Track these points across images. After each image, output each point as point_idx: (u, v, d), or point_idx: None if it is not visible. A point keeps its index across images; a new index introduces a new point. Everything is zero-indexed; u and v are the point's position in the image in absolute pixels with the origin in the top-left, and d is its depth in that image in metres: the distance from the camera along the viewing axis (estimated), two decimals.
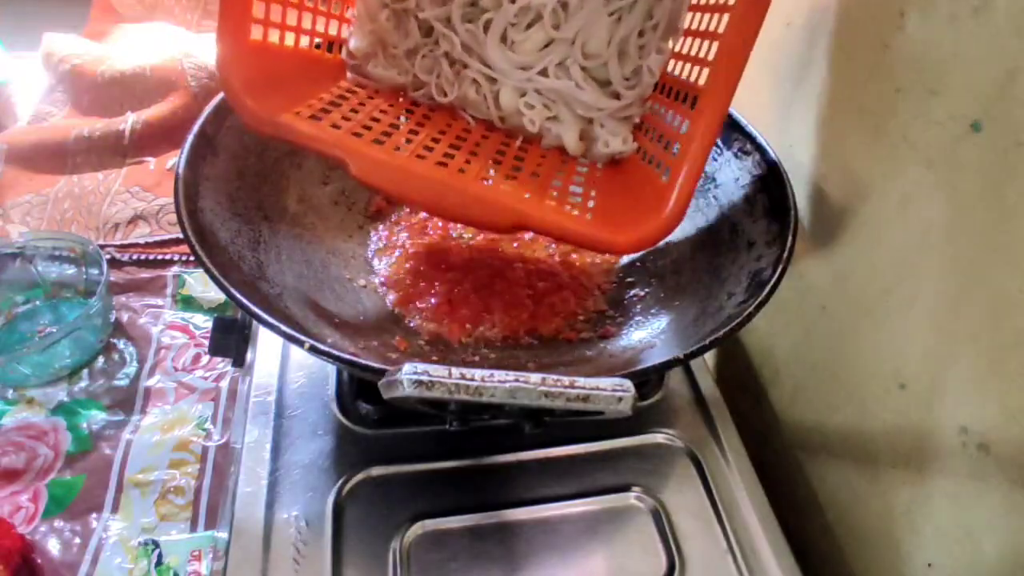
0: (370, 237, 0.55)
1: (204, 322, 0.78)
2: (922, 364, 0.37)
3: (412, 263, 0.52)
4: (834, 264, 0.44)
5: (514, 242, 0.55)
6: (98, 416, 0.68)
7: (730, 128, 0.48)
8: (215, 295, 0.79)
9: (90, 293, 0.74)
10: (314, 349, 0.34)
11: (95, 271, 0.74)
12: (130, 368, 0.72)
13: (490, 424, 0.42)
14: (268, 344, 0.49)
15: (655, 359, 0.37)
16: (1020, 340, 0.31)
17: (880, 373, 0.40)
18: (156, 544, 0.59)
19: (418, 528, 0.40)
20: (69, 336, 0.68)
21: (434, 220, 0.55)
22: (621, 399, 0.28)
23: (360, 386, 0.46)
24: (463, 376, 0.27)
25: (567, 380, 0.28)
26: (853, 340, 0.43)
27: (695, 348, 0.35)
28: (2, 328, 0.73)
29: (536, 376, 0.28)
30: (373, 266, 0.52)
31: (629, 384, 0.29)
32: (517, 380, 0.28)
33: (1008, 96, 0.30)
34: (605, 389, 0.28)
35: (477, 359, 0.45)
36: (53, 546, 0.58)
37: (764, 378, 0.54)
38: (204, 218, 0.39)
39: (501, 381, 0.27)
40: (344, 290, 0.48)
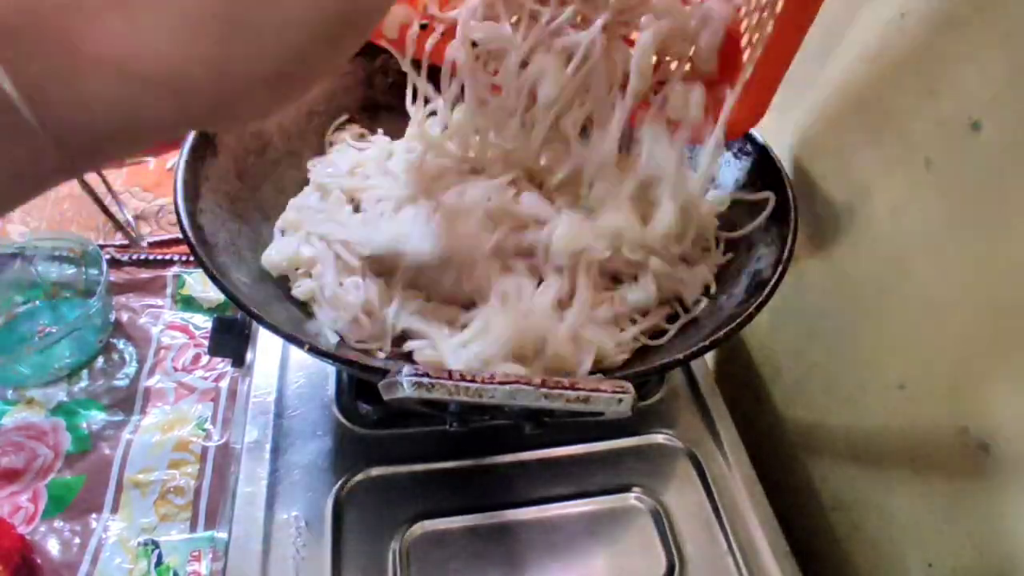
0: None
1: (204, 322, 0.78)
2: (922, 364, 0.37)
3: None
4: (834, 264, 0.44)
5: None
6: (98, 416, 0.68)
7: None
8: (215, 295, 0.79)
9: (90, 293, 0.74)
10: (314, 350, 0.34)
11: (95, 271, 0.74)
12: (130, 368, 0.72)
13: (490, 424, 0.42)
14: (268, 344, 0.49)
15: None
16: (1020, 340, 0.31)
17: (880, 373, 0.40)
18: (156, 544, 0.59)
19: (418, 528, 0.40)
20: (69, 336, 0.68)
21: None
22: (621, 400, 0.28)
23: (360, 386, 0.46)
24: (463, 377, 0.27)
25: (567, 381, 0.28)
26: (853, 340, 0.43)
27: (695, 348, 0.35)
28: (2, 328, 0.73)
29: (536, 378, 0.28)
30: None
31: (629, 385, 0.29)
32: (517, 382, 0.28)
33: (1008, 96, 0.30)
34: (605, 390, 0.28)
35: None
36: (53, 546, 0.58)
37: (764, 378, 0.54)
38: (204, 218, 0.39)
39: (501, 383, 0.27)
40: None
